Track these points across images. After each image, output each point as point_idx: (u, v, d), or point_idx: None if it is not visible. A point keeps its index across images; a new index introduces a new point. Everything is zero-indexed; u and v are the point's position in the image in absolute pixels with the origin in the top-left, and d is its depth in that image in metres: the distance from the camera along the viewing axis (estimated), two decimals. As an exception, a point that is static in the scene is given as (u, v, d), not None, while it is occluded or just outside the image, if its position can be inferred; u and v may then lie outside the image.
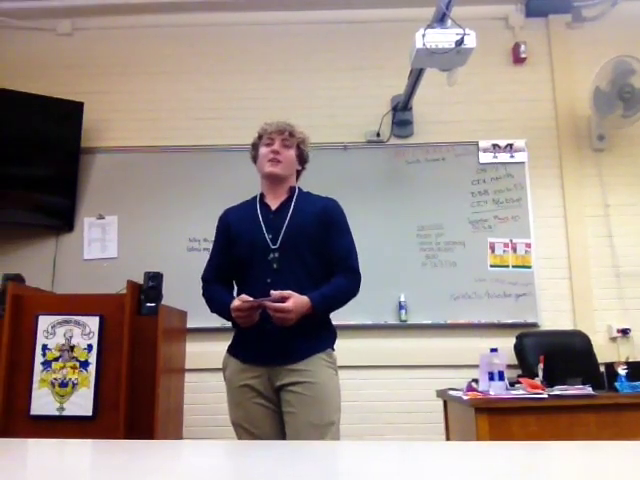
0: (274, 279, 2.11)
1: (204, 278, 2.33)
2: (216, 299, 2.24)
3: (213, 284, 2.29)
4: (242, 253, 2.20)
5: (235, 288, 2.29)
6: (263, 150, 2.29)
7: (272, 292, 2.01)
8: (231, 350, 2.25)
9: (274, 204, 2.27)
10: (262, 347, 2.09)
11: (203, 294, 2.31)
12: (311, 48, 4.50)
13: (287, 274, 2.12)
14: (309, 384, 2.06)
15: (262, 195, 2.33)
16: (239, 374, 2.15)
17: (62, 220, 4.17)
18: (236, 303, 2.05)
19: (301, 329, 2.06)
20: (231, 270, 2.27)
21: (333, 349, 2.20)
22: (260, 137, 2.34)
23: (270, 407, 2.11)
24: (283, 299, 2.00)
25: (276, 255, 2.14)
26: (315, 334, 2.13)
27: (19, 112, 4.11)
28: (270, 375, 2.10)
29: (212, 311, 2.27)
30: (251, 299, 2.03)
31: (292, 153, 2.29)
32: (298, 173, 2.39)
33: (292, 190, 2.30)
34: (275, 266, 2.13)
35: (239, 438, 2.13)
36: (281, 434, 2.11)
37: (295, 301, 2.01)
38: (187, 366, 3.43)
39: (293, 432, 2.05)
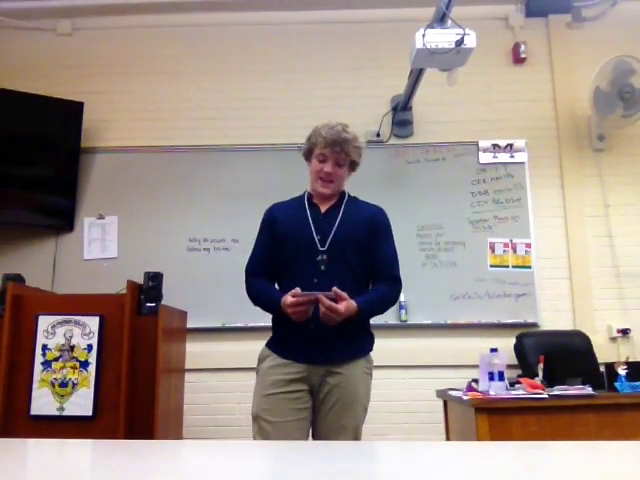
0: (320, 280, 2.15)
1: (249, 270, 2.33)
2: (264, 293, 2.25)
3: (258, 277, 2.29)
4: (289, 250, 2.22)
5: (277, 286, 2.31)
6: (315, 165, 2.28)
7: (334, 288, 2.03)
8: (271, 345, 2.25)
9: (323, 206, 2.30)
10: (304, 345, 2.12)
11: (247, 287, 2.31)
12: (311, 48, 4.50)
13: (333, 276, 2.15)
14: (344, 388, 2.11)
15: (310, 195, 2.35)
16: (277, 368, 2.15)
17: (62, 220, 4.17)
18: (290, 299, 2.06)
19: (344, 331, 2.10)
20: (274, 265, 2.28)
21: (371, 351, 2.25)
22: (314, 145, 2.28)
23: (299, 406, 2.12)
24: (338, 299, 2.04)
25: (324, 257, 2.18)
26: (357, 338, 2.19)
27: (19, 112, 4.10)
28: (310, 373, 2.13)
29: (255, 304, 2.28)
30: (306, 293, 2.05)
31: (345, 170, 2.30)
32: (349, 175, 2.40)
33: (342, 195, 2.34)
34: (322, 268, 2.17)
35: (258, 430, 2.11)
36: (303, 432, 2.13)
37: (347, 305, 2.06)
38: (187, 366, 3.44)
39: (322, 433, 2.12)
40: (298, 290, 2.06)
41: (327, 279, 2.14)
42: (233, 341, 3.92)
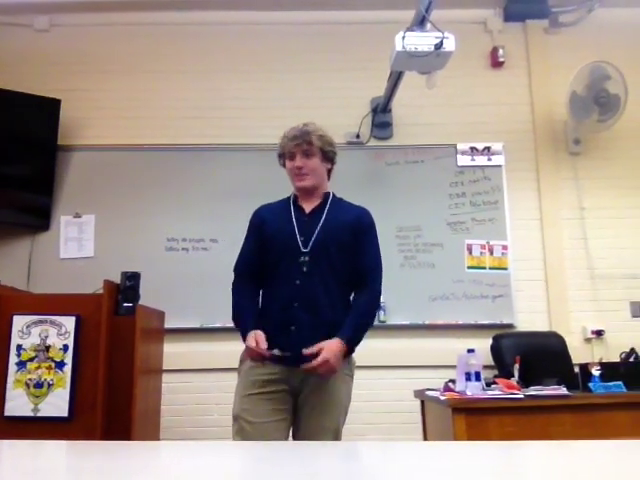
0: (303, 281, 2.16)
1: (237, 271, 2.33)
2: (241, 314, 2.24)
3: (246, 281, 2.29)
4: (273, 253, 2.23)
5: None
6: (288, 165, 2.32)
7: (304, 351, 2.03)
8: None
9: (308, 207, 2.31)
10: (286, 347, 2.09)
11: (233, 290, 2.30)
12: (292, 49, 4.49)
13: (316, 278, 2.17)
14: (327, 391, 2.11)
15: (296, 197, 2.35)
16: (258, 368, 2.14)
17: (38, 218, 4.11)
18: (251, 343, 2.06)
19: (324, 334, 2.09)
20: (262, 266, 2.28)
21: (352, 353, 2.23)
22: (283, 147, 2.33)
23: (280, 406, 2.13)
24: (317, 354, 2.03)
25: (306, 258, 2.18)
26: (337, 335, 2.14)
27: (-6, 108, 4.04)
28: (289, 375, 2.12)
29: (232, 317, 2.26)
30: (262, 348, 2.04)
31: (316, 161, 2.31)
32: (328, 171, 2.41)
33: (326, 195, 2.35)
34: (305, 269, 2.17)
35: (238, 431, 2.11)
36: (283, 433, 2.14)
37: (328, 350, 2.04)
38: (165, 367, 3.41)
39: (304, 435, 2.11)
40: (261, 336, 2.07)
41: (310, 280, 2.16)
42: (211, 342, 3.90)
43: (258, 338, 2.07)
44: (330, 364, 2.03)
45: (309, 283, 2.15)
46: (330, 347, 2.05)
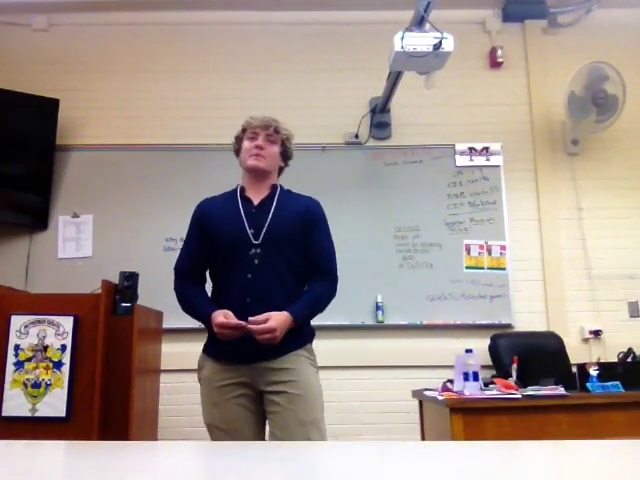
0: (255, 275, 2.08)
1: (177, 270, 2.27)
2: (194, 303, 2.19)
3: (188, 280, 2.23)
4: (221, 247, 2.15)
5: (210, 283, 2.24)
6: (246, 144, 2.26)
7: (250, 318, 1.97)
8: (207, 350, 2.21)
9: (256, 199, 2.22)
10: (240, 346, 2.03)
11: (176, 289, 2.25)
12: (291, 49, 4.50)
13: (268, 270, 2.09)
14: (294, 382, 2.05)
15: (242, 189, 2.28)
16: (219, 374, 2.10)
17: (36, 218, 4.11)
18: (220, 319, 1.99)
19: None
20: (205, 263, 2.23)
21: (311, 343, 2.19)
22: (244, 130, 2.31)
23: (250, 408, 2.08)
24: (264, 321, 1.98)
25: (258, 251, 2.10)
26: (292, 331, 2.07)
27: (-7, 108, 4.04)
28: (252, 375, 2.06)
29: (184, 311, 2.22)
30: (235, 321, 1.99)
31: (276, 149, 2.26)
32: (280, 170, 2.35)
33: (274, 187, 2.27)
34: (256, 262, 2.09)
35: (213, 439, 2.09)
36: (259, 435, 2.10)
37: (276, 319, 1.99)
38: (162, 367, 3.41)
39: (280, 431, 2.02)
40: (229, 314, 2.01)
41: (262, 273, 2.08)
42: (209, 341, 3.90)
43: (227, 315, 2.01)
44: (274, 334, 1.97)
45: (262, 276, 2.08)
46: (278, 318, 1.99)
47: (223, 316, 2.01)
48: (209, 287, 2.26)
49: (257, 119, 2.28)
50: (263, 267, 2.09)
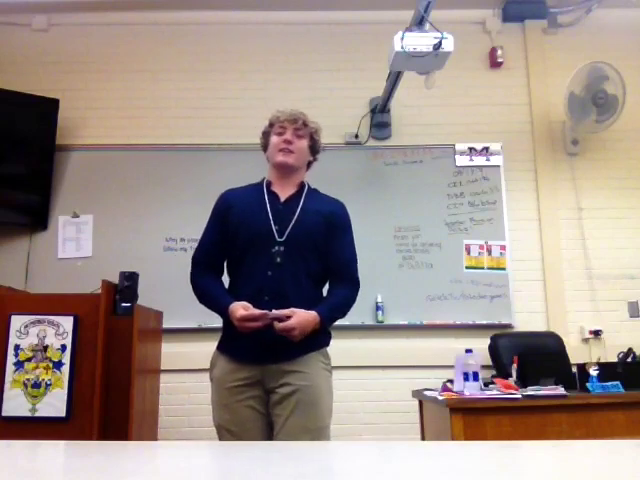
0: (275, 273, 2.03)
1: (195, 259, 2.20)
2: (211, 293, 2.12)
3: (205, 270, 2.16)
4: (242, 240, 2.09)
5: (227, 276, 2.19)
6: (274, 139, 2.19)
7: (274, 311, 1.93)
8: (221, 347, 2.14)
9: (283, 195, 2.17)
10: (255, 344, 1.99)
11: (192, 279, 2.18)
12: (290, 49, 4.50)
13: (289, 269, 2.04)
14: (305, 388, 2.00)
15: (269, 183, 2.21)
16: (230, 374, 2.04)
17: (36, 218, 4.11)
18: (241, 312, 1.94)
19: None
20: (224, 255, 2.17)
21: (328, 346, 2.15)
22: (271, 125, 2.23)
23: (260, 410, 2.03)
24: (287, 317, 1.93)
25: (281, 249, 2.05)
26: (312, 331, 2.01)
27: (-8, 108, 4.04)
28: (263, 376, 2.01)
29: (200, 301, 2.15)
30: (258, 311, 1.94)
31: (305, 143, 2.20)
32: (309, 164, 2.29)
33: (302, 185, 2.22)
34: (278, 260, 2.04)
35: (221, 440, 2.03)
36: (268, 438, 2.04)
37: (299, 319, 1.94)
38: (162, 367, 3.41)
39: (285, 436, 1.97)
40: (248, 305, 1.96)
41: (282, 272, 2.03)
42: (209, 342, 3.85)
43: (245, 307, 1.95)
44: (293, 333, 1.92)
45: (281, 275, 2.02)
46: (302, 318, 1.94)
47: (242, 308, 1.95)
48: (226, 280, 2.21)
49: (285, 113, 2.21)
50: (284, 266, 2.04)
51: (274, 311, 1.94)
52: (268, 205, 2.13)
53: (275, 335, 1.95)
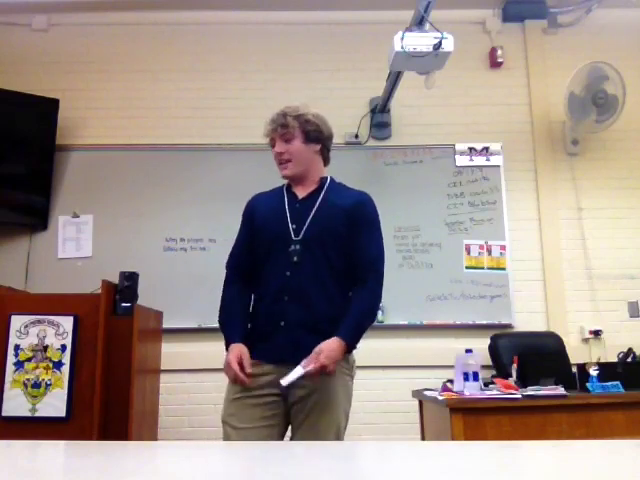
0: (293, 272, 2.00)
1: (227, 267, 2.19)
2: (225, 320, 2.09)
3: (235, 277, 2.14)
4: (263, 242, 2.08)
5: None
6: (273, 153, 2.16)
7: (302, 363, 1.87)
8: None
9: (301, 193, 2.14)
10: (274, 343, 1.97)
11: (223, 285, 2.16)
12: (290, 49, 4.50)
13: (307, 268, 2.00)
14: (321, 391, 1.94)
15: (289, 184, 2.19)
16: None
17: (36, 218, 4.11)
18: (236, 366, 1.90)
19: (318, 327, 1.96)
20: (251, 260, 2.12)
21: (350, 352, 2.04)
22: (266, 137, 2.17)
23: (269, 410, 1.97)
24: (315, 358, 1.87)
25: (297, 247, 2.01)
26: (332, 333, 1.94)
27: (-8, 108, 4.04)
28: (280, 376, 1.91)
29: (218, 318, 2.12)
30: (241, 376, 1.90)
31: (296, 143, 2.11)
32: (322, 152, 2.22)
33: (323, 180, 2.18)
34: (295, 259, 2.00)
35: (226, 437, 1.98)
36: (270, 437, 1.97)
37: (325, 353, 1.87)
38: (162, 367, 3.41)
39: (300, 437, 1.95)
40: (246, 353, 1.93)
41: (301, 271, 2.00)
42: (209, 342, 3.89)
43: (242, 355, 1.93)
44: (328, 369, 1.87)
45: (300, 274, 1.99)
46: (329, 347, 1.88)
47: (236, 359, 1.92)
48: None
49: (268, 122, 2.14)
50: (302, 265, 2.00)
51: (300, 368, 1.87)
52: (286, 204, 2.11)
53: (295, 336, 1.95)
